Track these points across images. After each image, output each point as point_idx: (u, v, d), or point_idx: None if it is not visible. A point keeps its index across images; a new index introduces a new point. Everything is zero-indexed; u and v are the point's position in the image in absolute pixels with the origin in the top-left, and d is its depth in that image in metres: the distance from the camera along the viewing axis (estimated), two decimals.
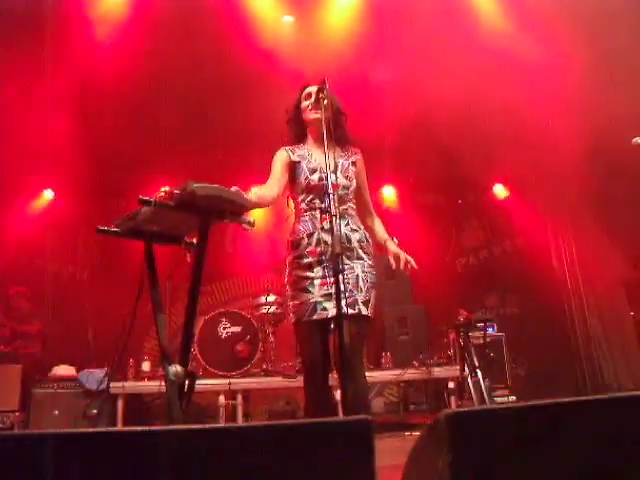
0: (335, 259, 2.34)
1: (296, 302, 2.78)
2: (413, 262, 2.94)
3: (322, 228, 2.78)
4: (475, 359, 5.16)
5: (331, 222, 2.40)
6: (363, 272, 2.81)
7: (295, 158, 2.93)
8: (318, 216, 2.82)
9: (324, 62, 5.65)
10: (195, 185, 2.10)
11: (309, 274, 2.76)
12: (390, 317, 6.33)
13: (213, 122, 6.83)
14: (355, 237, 2.83)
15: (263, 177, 2.95)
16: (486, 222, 8.93)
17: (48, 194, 7.75)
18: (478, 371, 5.09)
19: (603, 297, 8.08)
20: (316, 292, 2.73)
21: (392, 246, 3.02)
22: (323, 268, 2.74)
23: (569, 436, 1.16)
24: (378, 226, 3.10)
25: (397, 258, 2.94)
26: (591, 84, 5.71)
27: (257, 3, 6.08)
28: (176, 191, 2.12)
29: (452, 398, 5.60)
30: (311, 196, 2.87)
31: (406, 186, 8.66)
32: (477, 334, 5.86)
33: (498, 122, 6.65)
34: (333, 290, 2.69)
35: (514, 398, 6.36)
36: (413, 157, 7.29)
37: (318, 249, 2.77)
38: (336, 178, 2.78)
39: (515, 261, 8.55)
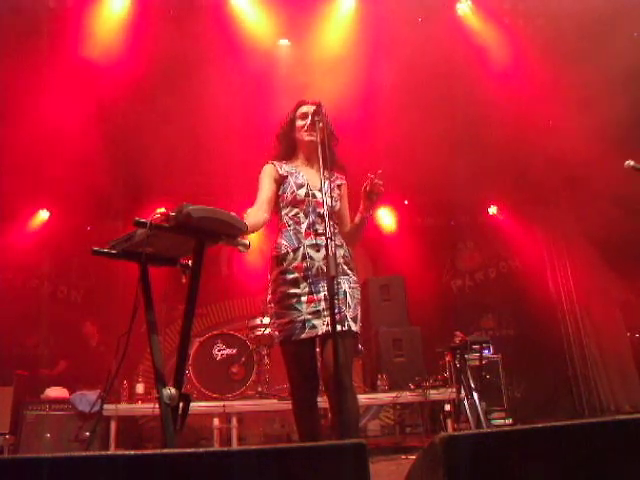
0: (330, 282, 2.32)
1: (284, 320, 2.72)
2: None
3: (307, 244, 2.77)
4: (471, 381, 5.14)
5: (326, 244, 2.39)
6: (350, 288, 2.77)
7: (283, 172, 2.93)
8: (302, 231, 2.81)
9: (319, 84, 5.71)
10: (191, 207, 2.10)
11: (295, 290, 2.72)
12: (385, 339, 6.30)
13: (210, 144, 6.87)
14: (340, 253, 2.79)
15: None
16: (482, 244, 8.96)
17: (43, 214, 7.74)
18: (474, 393, 5.06)
19: (599, 318, 8.09)
20: (304, 309, 2.69)
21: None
22: (309, 284, 2.71)
23: (565, 459, 1.16)
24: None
25: (365, 192, 2.79)
26: (586, 106, 5.78)
27: (252, 27, 6.14)
28: (172, 213, 2.12)
29: (448, 421, 5.56)
30: (296, 210, 2.86)
31: (402, 208, 8.70)
32: (473, 356, 5.84)
33: (493, 144, 6.72)
34: (321, 307, 2.67)
35: (511, 420, 6.32)
36: (409, 179, 7.33)
37: (304, 264, 2.74)
38: (324, 198, 2.79)
39: (511, 283, 8.56)
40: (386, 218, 8.67)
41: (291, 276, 2.75)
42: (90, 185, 6.69)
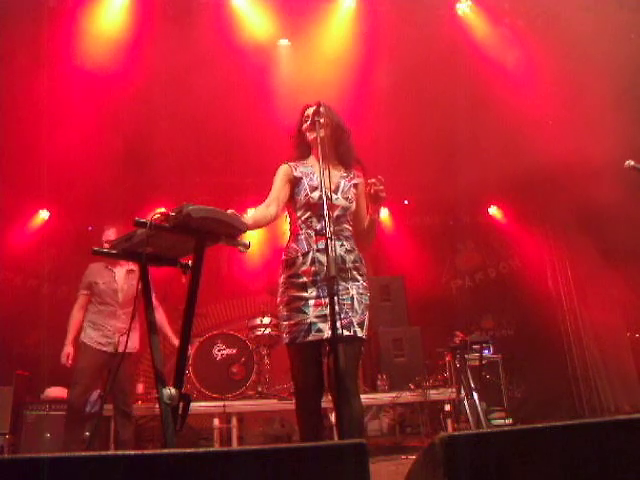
0: (330, 282, 2.32)
1: (291, 322, 2.74)
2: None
3: (317, 249, 2.77)
4: (471, 381, 5.14)
5: (326, 243, 2.39)
6: (358, 293, 2.78)
7: (297, 174, 2.93)
8: (314, 236, 2.81)
9: (319, 84, 5.71)
10: (190, 207, 2.10)
11: (303, 294, 2.73)
12: (386, 339, 6.30)
13: (210, 145, 6.87)
14: (350, 258, 2.80)
15: (260, 199, 2.92)
16: (482, 244, 8.95)
17: (43, 214, 7.74)
18: (474, 393, 5.07)
19: (599, 318, 8.08)
20: (311, 313, 2.69)
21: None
22: (317, 288, 2.72)
23: (565, 459, 1.16)
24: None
25: (369, 195, 2.82)
26: (587, 106, 5.77)
27: (252, 27, 6.14)
28: (172, 213, 2.12)
29: (448, 421, 5.56)
30: (309, 214, 2.86)
31: (402, 208, 8.70)
32: (473, 356, 5.84)
33: (493, 144, 6.71)
34: (328, 311, 2.68)
35: (511, 420, 6.32)
36: (409, 179, 7.33)
37: (313, 268, 2.75)
38: (336, 199, 2.80)
39: (511, 283, 8.56)
40: (386, 218, 8.66)
41: (299, 280, 2.76)
42: (90, 185, 6.69)
